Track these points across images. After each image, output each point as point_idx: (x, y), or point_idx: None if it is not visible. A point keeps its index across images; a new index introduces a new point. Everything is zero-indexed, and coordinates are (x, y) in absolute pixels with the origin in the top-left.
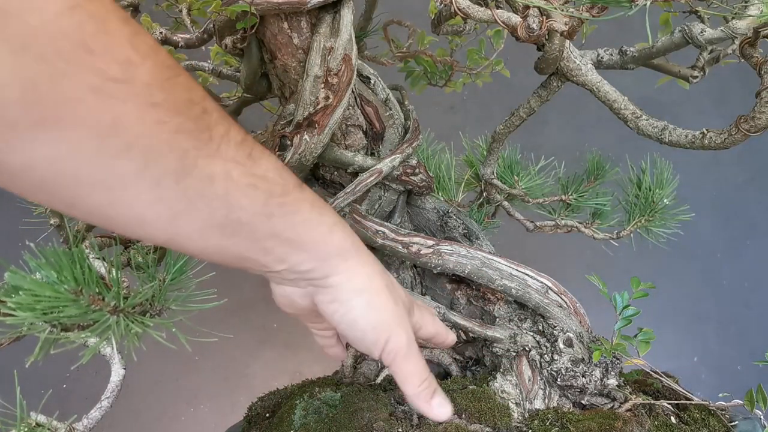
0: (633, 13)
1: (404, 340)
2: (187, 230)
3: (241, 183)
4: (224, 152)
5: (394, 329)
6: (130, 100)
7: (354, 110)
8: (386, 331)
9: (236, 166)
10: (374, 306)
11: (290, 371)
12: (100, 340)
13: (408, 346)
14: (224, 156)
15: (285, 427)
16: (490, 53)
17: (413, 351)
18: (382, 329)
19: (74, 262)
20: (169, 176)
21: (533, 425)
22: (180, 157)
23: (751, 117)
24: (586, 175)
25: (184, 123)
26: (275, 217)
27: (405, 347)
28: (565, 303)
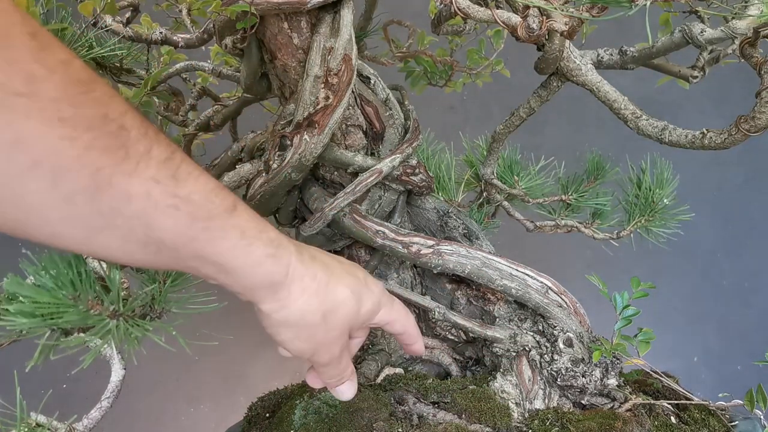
0: (633, 13)
1: (325, 358)
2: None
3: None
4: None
5: (318, 350)
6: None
7: (354, 110)
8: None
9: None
10: (299, 337)
11: (290, 371)
12: (101, 343)
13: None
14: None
15: (285, 427)
16: (490, 53)
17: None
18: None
19: (71, 267)
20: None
21: (533, 425)
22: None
23: (751, 117)
24: (586, 175)
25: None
26: (199, 241)
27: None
28: (565, 303)
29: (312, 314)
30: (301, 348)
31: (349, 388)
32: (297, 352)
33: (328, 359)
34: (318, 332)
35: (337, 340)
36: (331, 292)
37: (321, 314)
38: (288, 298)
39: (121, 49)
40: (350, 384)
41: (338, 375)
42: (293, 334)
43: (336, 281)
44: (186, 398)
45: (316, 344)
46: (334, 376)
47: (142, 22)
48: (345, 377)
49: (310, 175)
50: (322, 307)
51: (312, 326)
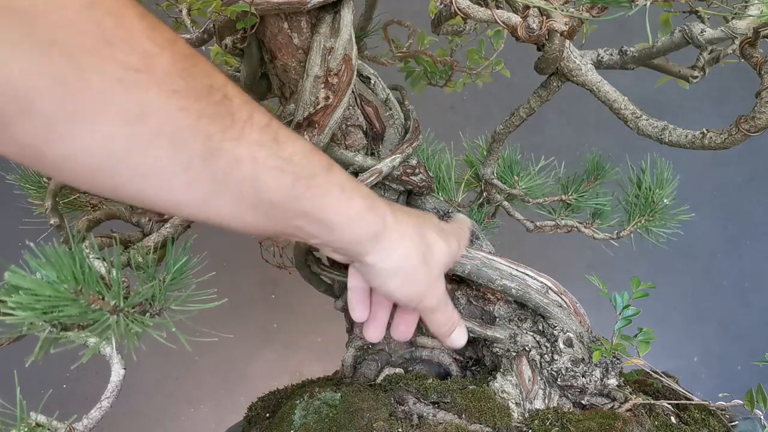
0: (633, 13)
1: (434, 301)
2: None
3: (267, 165)
4: (248, 136)
5: (425, 295)
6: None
7: (354, 110)
8: (418, 299)
9: (261, 149)
10: (408, 282)
11: (290, 371)
12: (100, 340)
13: (437, 304)
14: (248, 139)
15: (285, 427)
16: (490, 53)
17: (441, 305)
18: (415, 298)
19: (74, 261)
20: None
21: (533, 425)
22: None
23: (751, 117)
24: (586, 175)
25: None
26: (303, 199)
27: (434, 305)
28: (565, 303)
29: (413, 257)
30: (409, 293)
31: (461, 334)
32: (406, 298)
33: (437, 302)
34: (421, 274)
35: (439, 280)
36: (423, 236)
37: (421, 256)
38: (391, 247)
39: None
40: (461, 330)
41: (449, 320)
42: (400, 280)
43: (424, 226)
44: (186, 398)
45: (423, 287)
46: (446, 322)
47: None
48: (456, 322)
49: None
50: (420, 250)
51: (415, 269)
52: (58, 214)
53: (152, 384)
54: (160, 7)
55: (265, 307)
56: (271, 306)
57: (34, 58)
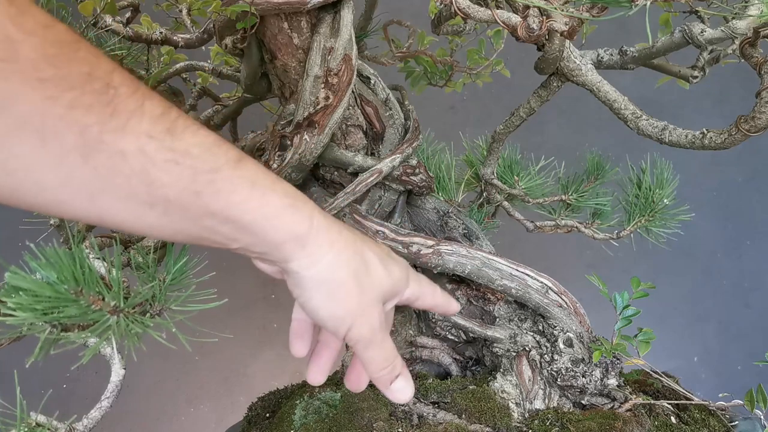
0: (633, 13)
1: (365, 330)
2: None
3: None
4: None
5: (356, 320)
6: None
7: (354, 110)
8: (346, 323)
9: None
10: (335, 298)
11: (290, 371)
12: (100, 340)
13: (371, 335)
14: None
15: (285, 427)
16: (490, 53)
17: (376, 339)
18: (343, 320)
19: (74, 262)
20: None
21: (533, 425)
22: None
23: (751, 117)
24: (586, 175)
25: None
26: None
27: (367, 337)
28: (565, 303)
29: (343, 269)
30: (335, 313)
31: (405, 385)
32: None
33: (369, 333)
34: (351, 294)
35: (374, 307)
36: (359, 250)
37: (353, 272)
38: (318, 251)
39: (121, 49)
40: (405, 379)
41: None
42: (326, 294)
43: (362, 243)
44: (186, 398)
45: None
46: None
47: (142, 22)
48: (397, 367)
49: (310, 175)
50: (352, 264)
51: (344, 285)
52: None
53: (152, 384)
54: (160, 7)
55: (265, 307)
56: (271, 306)
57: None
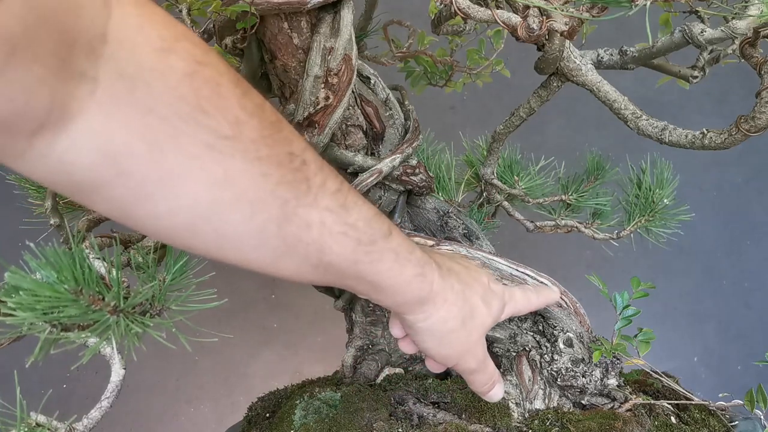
0: (633, 13)
1: (472, 364)
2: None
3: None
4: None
5: (463, 357)
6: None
7: (354, 110)
8: (454, 360)
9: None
10: (444, 344)
11: (290, 371)
12: (100, 340)
13: (476, 366)
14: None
15: (285, 427)
16: (490, 53)
17: (480, 368)
18: (451, 359)
19: (74, 262)
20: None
21: (533, 425)
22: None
23: (751, 117)
24: (586, 175)
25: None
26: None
27: (473, 368)
28: (565, 303)
29: (453, 321)
30: (446, 354)
31: (500, 390)
32: (443, 358)
33: (475, 364)
34: (459, 338)
35: (478, 344)
36: (467, 300)
37: (461, 320)
38: (432, 308)
39: None
40: (500, 385)
41: (489, 380)
42: (437, 341)
43: (469, 290)
44: (186, 398)
45: (460, 350)
46: (486, 381)
47: None
48: (495, 380)
49: None
50: (461, 314)
51: (453, 332)
52: (58, 214)
53: (152, 384)
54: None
55: (265, 307)
56: (271, 306)
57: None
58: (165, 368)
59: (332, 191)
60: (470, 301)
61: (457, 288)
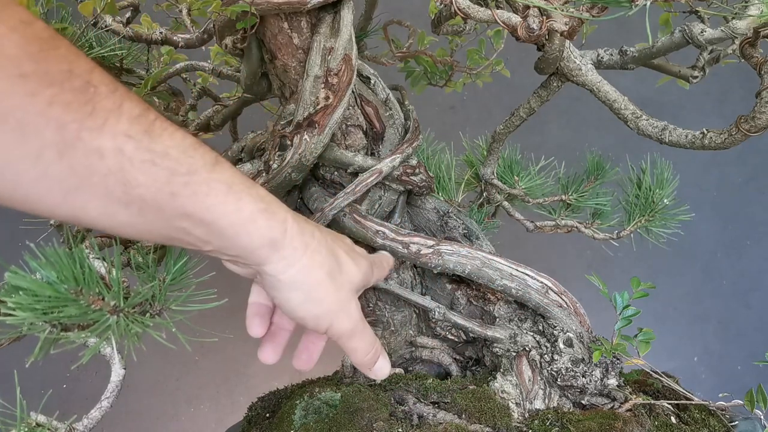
0: (633, 13)
1: (347, 324)
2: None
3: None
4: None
5: (335, 316)
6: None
7: (354, 110)
8: (327, 320)
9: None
10: (312, 298)
11: (290, 371)
12: (100, 340)
13: (352, 327)
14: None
15: (285, 427)
16: (490, 53)
17: (357, 330)
18: (322, 318)
19: (74, 262)
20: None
21: (533, 425)
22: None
23: (751, 117)
24: (586, 175)
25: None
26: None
27: (349, 330)
28: (565, 303)
29: (318, 270)
30: (315, 311)
31: (384, 363)
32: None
33: (350, 326)
34: (328, 292)
35: (350, 301)
36: (331, 250)
37: (327, 271)
38: (293, 255)
39: (121, 49)
40: (384, 359)
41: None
42: (303, 295)
43: (332, 242)
44: (186, 398)
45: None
46: (367, 349)
47: (142, 22)
48: (378, 350)
49: (310, 175)
50: (327, 264)
51: (320, 284)
52: None
53: (152, 384)
54: (160, 7)
55: None
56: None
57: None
58: (165, 368)
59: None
60: (335, 252)
61: (318, 236)
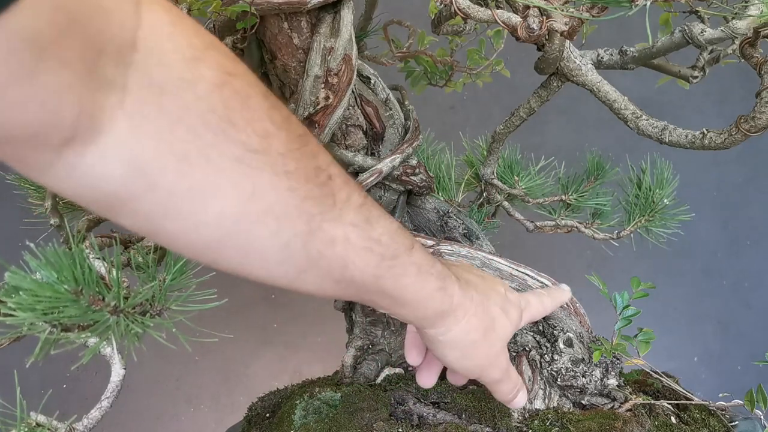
0: (633, 13)
1: (496, 374)
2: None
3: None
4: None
5: (486, 369)
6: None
7: (354, 110)
8: (478, 372)
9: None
10: (467, 356)
11: (290, 371)
12: (100, 340)
13: (500, 376)
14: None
15: (285, 427)
16: (490, 53)
17: (504, 378)
18: (475, 372)
19: (74, 262)
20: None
21: (533, 425)
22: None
23: (751, 117)
24: (586, 175)
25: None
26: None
27: (497, 379)
28: (566, 303)
29: (474, 332)
30: (468, 366)
31: (523, 397)
32: (466, 370)
33: (499, 374)
34: (482, 349)
35: (501, 354)
36: (487, 311)
37: (482, 332)
38: (453, 323)
39: None
40: (524, 393)
41: (513, 389)
42: (460, 353)
43: (488, 301)
44: (186, 398)
45: (483, 361)
46: (510, 390)
47: None
48: (519, 388)
49: None
50: (482, 326)
51: (475, 344)
52: (58, 214)
53: (152, 384)
54: None
55: (265, 307)
56: (271, 306)
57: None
58: (165, 368)
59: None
60: (490, 311)
61: (476, 299)
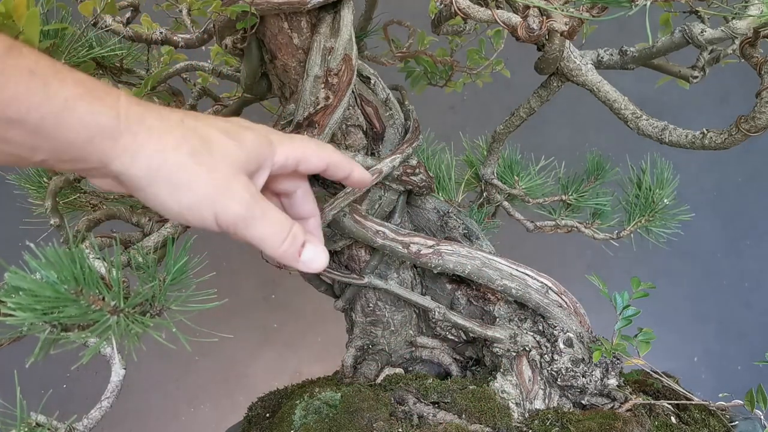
0: (633, 13)
1: (236, 208)
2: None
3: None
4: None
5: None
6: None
7: (354, 110)
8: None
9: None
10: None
11: (290, 371)
12: (100, 340)
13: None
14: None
15: (285, 427)
16: (490, 53)
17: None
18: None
19: (74, 262)
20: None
21: (533, 425)
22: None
23: (751, 117)
24: (586, 175)
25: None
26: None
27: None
28: (565, 303)
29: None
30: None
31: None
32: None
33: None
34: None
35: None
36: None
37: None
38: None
39: (121, 49)
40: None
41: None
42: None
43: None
44: (186, 398)
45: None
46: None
47: (142, 22)
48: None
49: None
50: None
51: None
52: (58, 214)
53: (152, 384)
54: (160, 7)
55: (265, 307)
56: (271, 306)
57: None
58: (165, 368)
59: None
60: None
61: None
